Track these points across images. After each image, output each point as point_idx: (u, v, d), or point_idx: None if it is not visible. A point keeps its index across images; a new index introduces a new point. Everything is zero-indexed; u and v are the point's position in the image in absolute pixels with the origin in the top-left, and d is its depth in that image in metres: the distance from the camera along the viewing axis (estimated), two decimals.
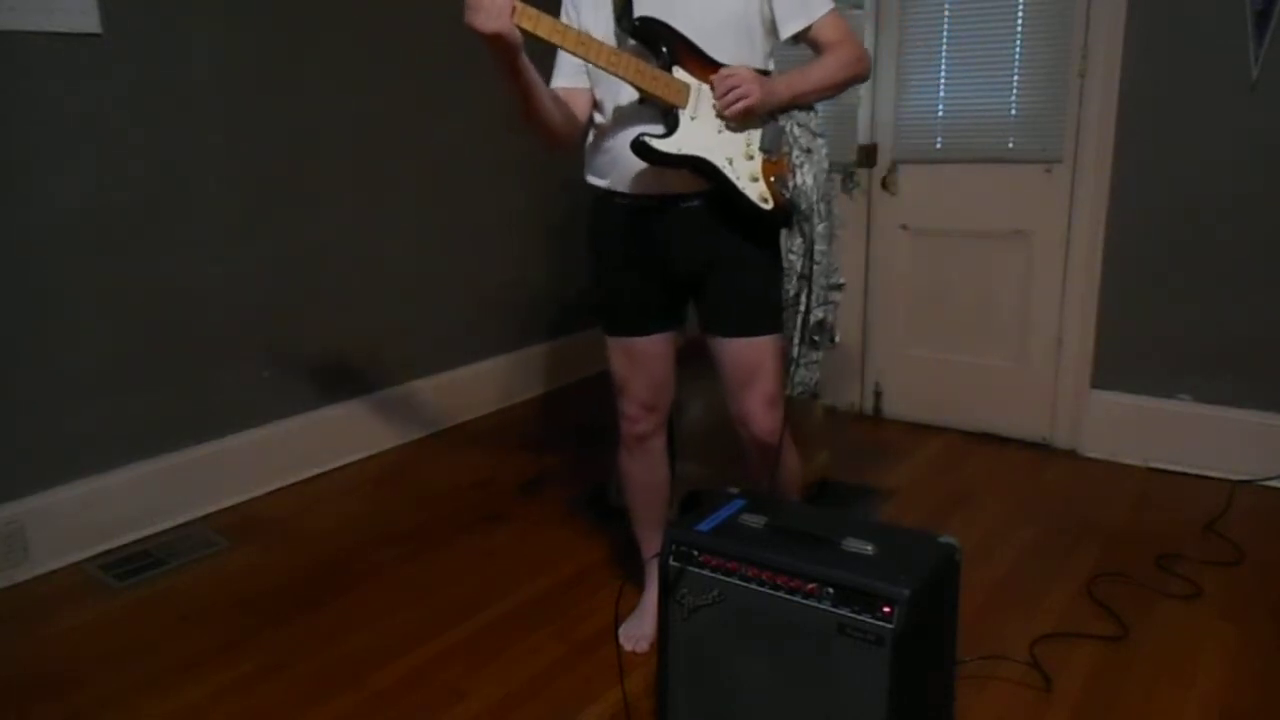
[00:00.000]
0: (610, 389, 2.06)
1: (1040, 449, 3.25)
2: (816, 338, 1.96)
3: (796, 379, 1.95)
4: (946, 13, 3.20)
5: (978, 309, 3.34)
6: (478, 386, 3.69)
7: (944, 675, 1.65)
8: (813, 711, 1.49)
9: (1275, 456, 2.85)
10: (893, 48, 3.28)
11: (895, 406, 3.58)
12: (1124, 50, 2.91)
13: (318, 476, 3.10)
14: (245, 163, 2.83)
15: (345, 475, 3.14)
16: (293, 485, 3.03)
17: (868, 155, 3.41)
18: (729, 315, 1.93)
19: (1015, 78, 3.12)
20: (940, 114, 3.28)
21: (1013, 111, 3.16)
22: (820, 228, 1.88)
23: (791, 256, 1.89)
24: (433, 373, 3.51)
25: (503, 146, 3.65)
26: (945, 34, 3.21)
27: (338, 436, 3.18)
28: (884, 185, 3.43)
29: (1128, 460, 3.08)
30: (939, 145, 3.31)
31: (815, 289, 1.90)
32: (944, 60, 3.24)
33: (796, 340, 1.93)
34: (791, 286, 1.90)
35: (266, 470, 2.97)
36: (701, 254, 1.89)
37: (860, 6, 3.27)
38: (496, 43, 1.60)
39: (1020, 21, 3.08)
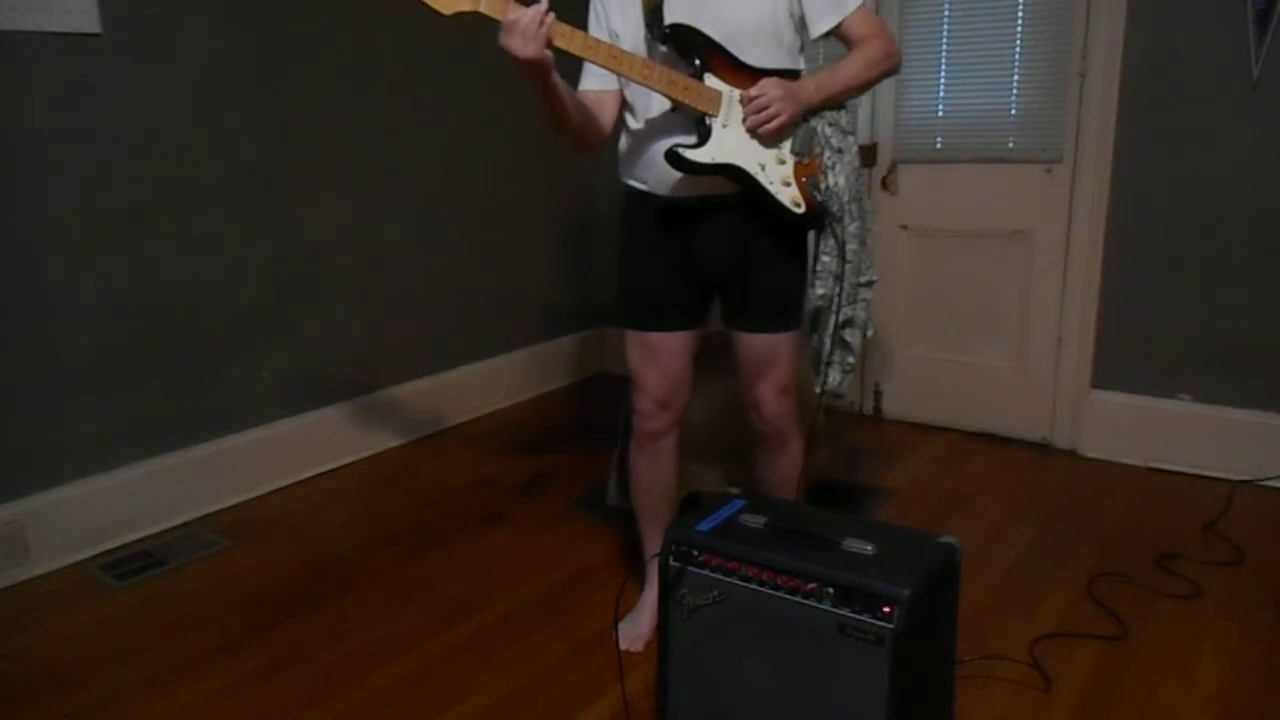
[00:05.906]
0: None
1: (1040, 449, 3.25)
2: (847, 336, 1.98)
3: (828, 380, 1.97)
4: (946, 13, 3.19)
5: (977, 309, 3.34)
6: (478, 386, 3.69)
7: (944, 675, 1.65)
8: (812, 711, 1.49)
9: (1275, 456, 2.85)
10: None
11: (895, 406, 3.58)
12: (1124, 50, 2.91)
13: (318, 476, 3.10)
14: (245, 162, 2.83)
15: (345, 475, 3.14)
16: (293, 485, 3.03)
17: (868, 155, 3.41)
18: (752, 312, 1.96)
19: (1015, 78, 3.12)
20: (940, 114, 3.28)
21: (1013, 111, 3.16)
22: (852, 227, 1.89)
23: (825, 258, 1.90)
24: (433, 373, 3.51)
25: (503, 145, 3.65)
26: (945, 34, 3.21)
27: (338, 436, 3.18)
28: (884, 185, 3.43)
29: (1128, 460, 3.08)
30: (939, 145, 3.31)
31: (845, 287, 1.92)
32: (944, 60, 3.24)
33: (829, 341, 1.95)
34: (827, 289, 1.92)
35: (266, 470, 2.97)
36: (733, 254, 1.92)
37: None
38: (529, 65, 1.63)
39: (1020, 21, 3.08)
